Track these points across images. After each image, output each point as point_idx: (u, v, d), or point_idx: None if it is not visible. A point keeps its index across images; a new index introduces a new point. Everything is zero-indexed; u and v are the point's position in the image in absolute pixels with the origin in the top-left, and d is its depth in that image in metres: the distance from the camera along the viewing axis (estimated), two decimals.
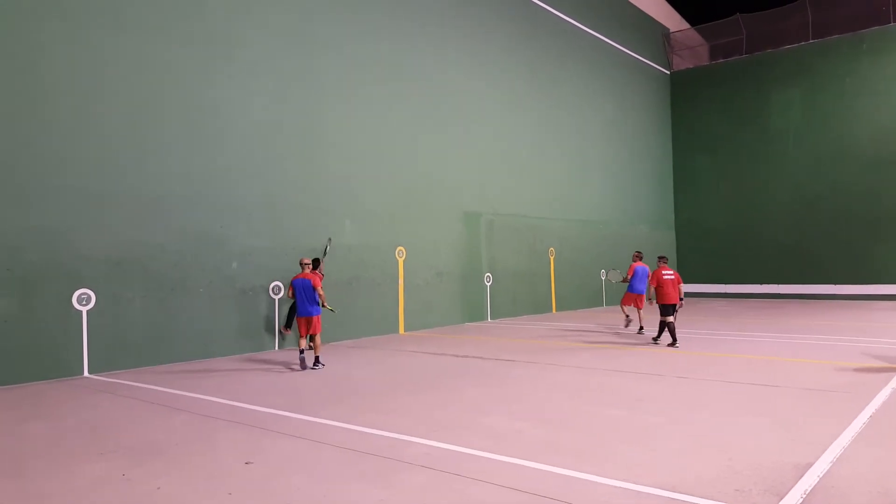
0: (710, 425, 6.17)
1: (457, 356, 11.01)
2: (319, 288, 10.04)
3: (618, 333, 14.07)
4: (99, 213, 10.05)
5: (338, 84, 13.91)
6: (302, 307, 9.97)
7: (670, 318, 11.74)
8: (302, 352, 9.98)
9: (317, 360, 10.03)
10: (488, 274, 17.87)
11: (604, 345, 12.33)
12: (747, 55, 26.65)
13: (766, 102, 25.82)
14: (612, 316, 18.84)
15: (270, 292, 12.28)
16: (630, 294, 13.98)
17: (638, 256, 14.18)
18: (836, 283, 23.88)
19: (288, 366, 10.31)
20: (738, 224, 26.10)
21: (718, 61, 27.94)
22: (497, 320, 17.72)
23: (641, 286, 13.68)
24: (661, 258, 12.54)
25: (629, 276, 13.83)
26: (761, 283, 25.41)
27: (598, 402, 7.33)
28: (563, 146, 21.29)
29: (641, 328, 14.04)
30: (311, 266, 10.35)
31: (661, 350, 11.46)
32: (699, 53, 29.59)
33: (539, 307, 19.74)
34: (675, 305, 11.79)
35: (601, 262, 22.50)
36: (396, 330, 14.87)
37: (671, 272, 11.98)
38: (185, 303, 11.00)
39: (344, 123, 13.97)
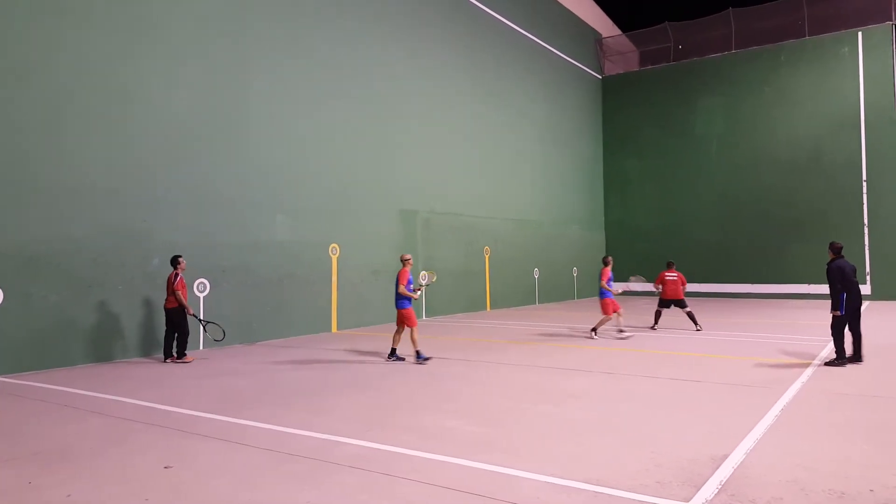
0: (635, 420, 6.34)
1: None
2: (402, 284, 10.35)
3: (550, 332, 14.32)
4: (10, 206, 9.42)
5: (269, 76, 13.55)
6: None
7: (665, 308, 14.76)
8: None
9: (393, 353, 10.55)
10: (424, 272, 17.80)
11: (535, 342, 12.51)
12: (675, 62, 27.66)
13: (691, 108, 26.87)
14: (545, 314, 19.18)
15: (195, 290, 11.84)
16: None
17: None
18: (754, 282, 25.11)
19: (213, 365, 9.96)
20: (665, 225, 27.07)
21: (647, 67, 28.88)
22: (432, 318, 17.72)
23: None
24: (669, 263, 14.98)
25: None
26: (686, 283, 26.34)
27: (529, 398, 7.42)
28: (498, 147, 21.51)
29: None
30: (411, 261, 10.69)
31: (589, 347, 11.75)
32: (629, 59, 30.49)
33: (474, 305, 19.87)
34: (670, 301, 14.60)
35: (535, 261, 22.87)
36: (329, 328, 14.64)
37: (674, 274, 14.69)
38: (102, 301, 10.47)
39: (276, 116, 13.62)
